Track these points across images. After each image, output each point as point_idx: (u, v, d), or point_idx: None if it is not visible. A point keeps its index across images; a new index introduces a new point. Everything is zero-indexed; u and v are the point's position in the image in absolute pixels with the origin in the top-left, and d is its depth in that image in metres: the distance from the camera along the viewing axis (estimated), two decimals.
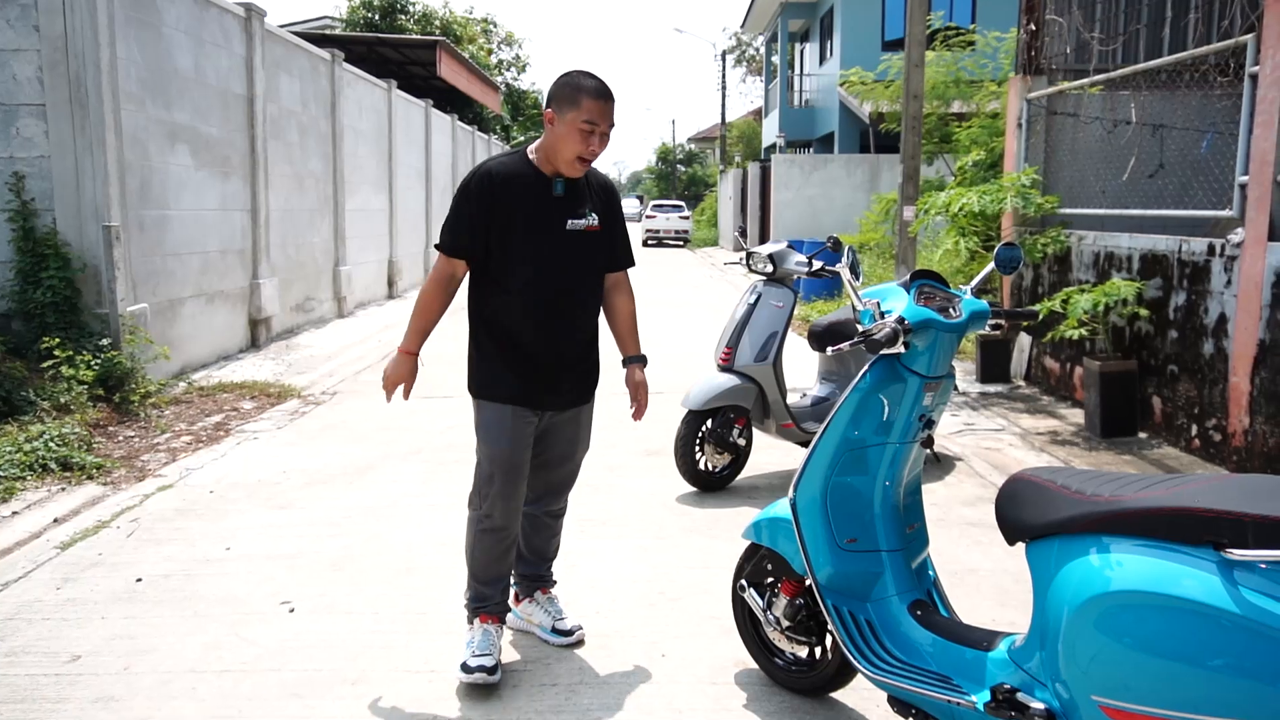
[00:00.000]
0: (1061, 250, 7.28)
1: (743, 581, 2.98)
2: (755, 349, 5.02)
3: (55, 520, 4.64)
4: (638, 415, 3.29)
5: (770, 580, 2.92)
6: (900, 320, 2.40)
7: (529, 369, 3.01)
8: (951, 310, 2.55)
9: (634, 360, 3.27)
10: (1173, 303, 5.93)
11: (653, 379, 4.35)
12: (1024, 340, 7.96)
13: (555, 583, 3.45)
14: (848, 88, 15.23)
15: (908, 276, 2.61)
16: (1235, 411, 5.29)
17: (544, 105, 2.97)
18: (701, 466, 5.00)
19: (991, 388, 7.84)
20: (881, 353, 2.43)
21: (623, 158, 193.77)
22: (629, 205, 71.38)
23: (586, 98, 2.84)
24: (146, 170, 7.61)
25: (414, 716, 2.85)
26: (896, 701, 2.50)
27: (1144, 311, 6.08)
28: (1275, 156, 4.97)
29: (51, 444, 5.52)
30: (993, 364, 8.00)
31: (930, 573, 2.77)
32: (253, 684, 3.05)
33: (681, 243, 33.92)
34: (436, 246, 3.01)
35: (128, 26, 7.29)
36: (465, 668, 2.95)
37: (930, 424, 2.59)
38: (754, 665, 3.07)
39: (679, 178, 59.88)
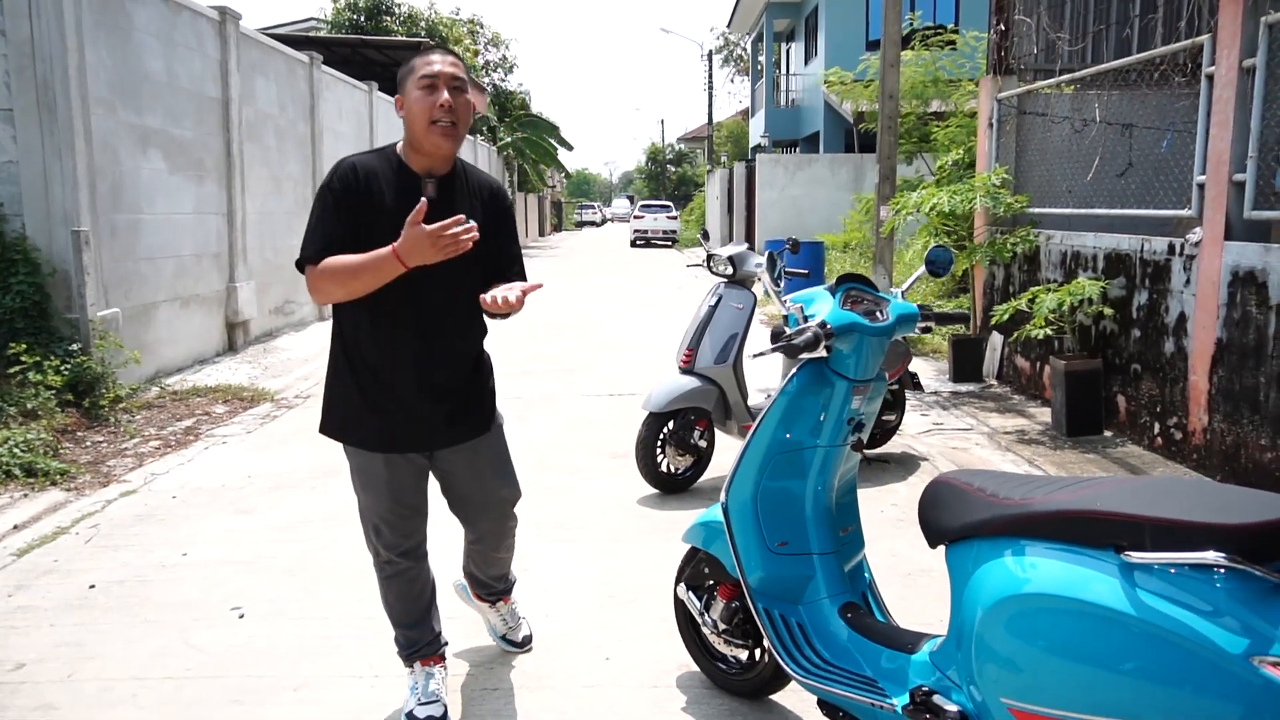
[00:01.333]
0: (1030, 250, 7.32)
1: (682, 584, 3.00)
2: (716, 351, 5.04)
3: (15, 527, 4.64)
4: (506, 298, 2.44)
5: (709, 583, 2.93)
6: (823, 325, 2.41)
7: (400, 406, 2.65)
8: (878, 314, 2.57)
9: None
10: (1136, 302, 5.96)
11: (625, 382, 4.32)
12: (996, 340, 7.99)
13: (514, 585, 3.30)
14: (828, 87, 15.25)
15: (834, 280, 2.63)
16: (1195, 410, 5.32)
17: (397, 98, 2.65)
18: (663, 469, 5.02)
19: (964, 387, 7.86)
20: (803, 356, 2.44)
21: (613, 158, 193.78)
22: (620, 205, 71.42)
23: (419, 58, 2.58)
24: (118, 174, 7.60)
25: (359, 715, 2.87)
26: (825, 705, 2.51)
27: (1109, 310, 6.11)
28: (1230, 156, 5.00)
29: (16, 450, 5.50)
30: (965, 363, 8.03)
31: (866, 575, 2.79)
32: (195, 690, 3.05)
33: (669, 243, 33.94)
34: (299, 265, 2.57)
35: (97, 30, 7.28)
36: (412, 718, 2.78)
37: (860, 427, 2.61)
38: (696, 668, 3.09)
39: (669, 178, 59.91)
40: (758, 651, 2.88)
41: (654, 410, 4.95)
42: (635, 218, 35.21)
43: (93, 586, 3.89)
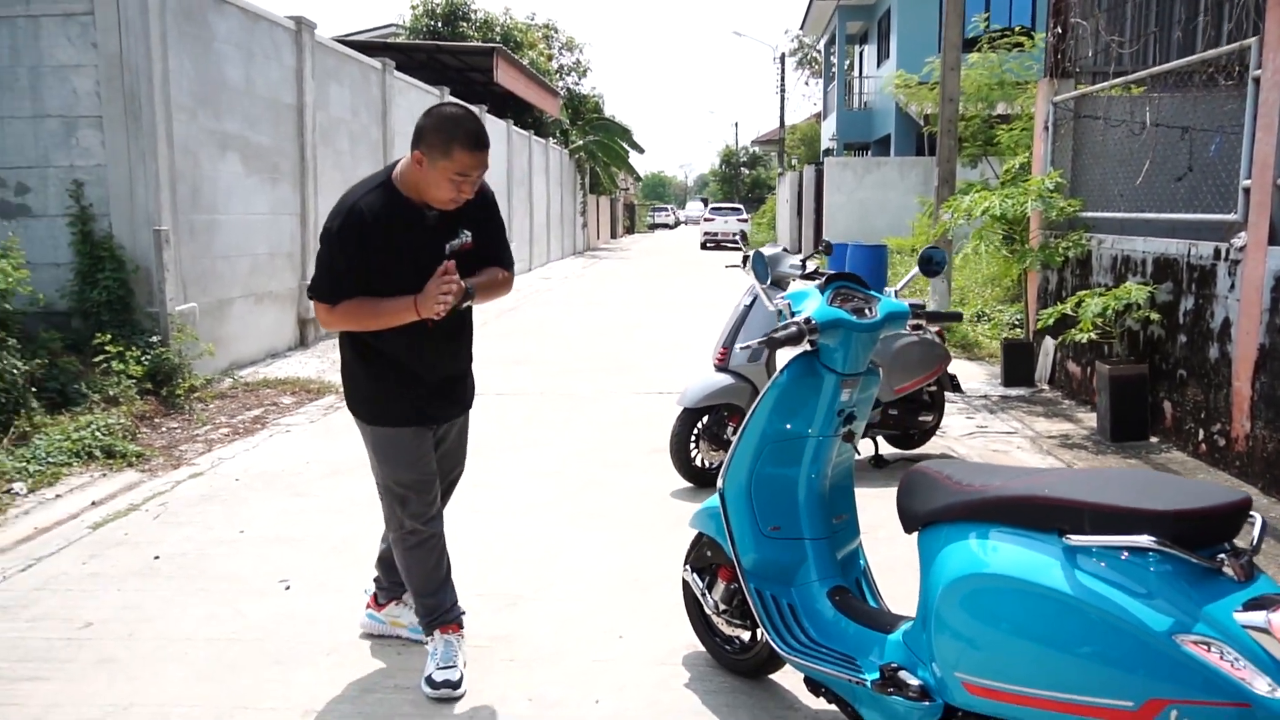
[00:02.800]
0: (1082, 254, 7.27)
1: (687, 566, 3.16)
2: (750, 350, 5.16)
3: (93, 503, 5.01)
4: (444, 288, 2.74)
5: (711, 566, 3.08)
6: (807, 320, 2.56)
7: (421, 388, 2.94)
8: (867, 310, 2.69)
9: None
10: (1183, 307, 5.91)
11: (675, 381, 4.50)
12: (1048, 344, 7.94)
13: None
14: (894, 90, 15.19)
15: (824, 279, 2.76)
16: (1238, 416, 5.27)
17: (413, 142, 2.73)
18: (696, 463, 5.17)
19: (1013, 391, 7.83)
20: (782, 348, 2.58)
21: (689, 160, 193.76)
22: (694, 208, 71.53)
23: (459, 149, 2.66)
24: (197, 177, 8.05)
25: (378, 683, 3.09)
26: (810, 681, 2.65)
27: (1155, 315, 6.07)
28: (1276, 160, 4.95)
29: (98, 433, 5.91)
30: (1016, 368, 8.00)
31: (860, 563, 2.91)
32: (240, 651, 3.32)
33: (739, 246, 33.97)
34: (311, 296, 2.85)
35: (180, 41, 7.73)
36: (430, 682, 2.97)
37: (851, 419, 2.74)
38: (703, 649, 3.24)
39: (742, 180, 59.84)
40: (758, 632, 3.02)
41: (688, 406, 5.11)
42: (705, 220, 35.33)
43: (157, 558, 4.21)
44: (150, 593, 3.84)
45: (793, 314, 2.66)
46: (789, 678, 3.05)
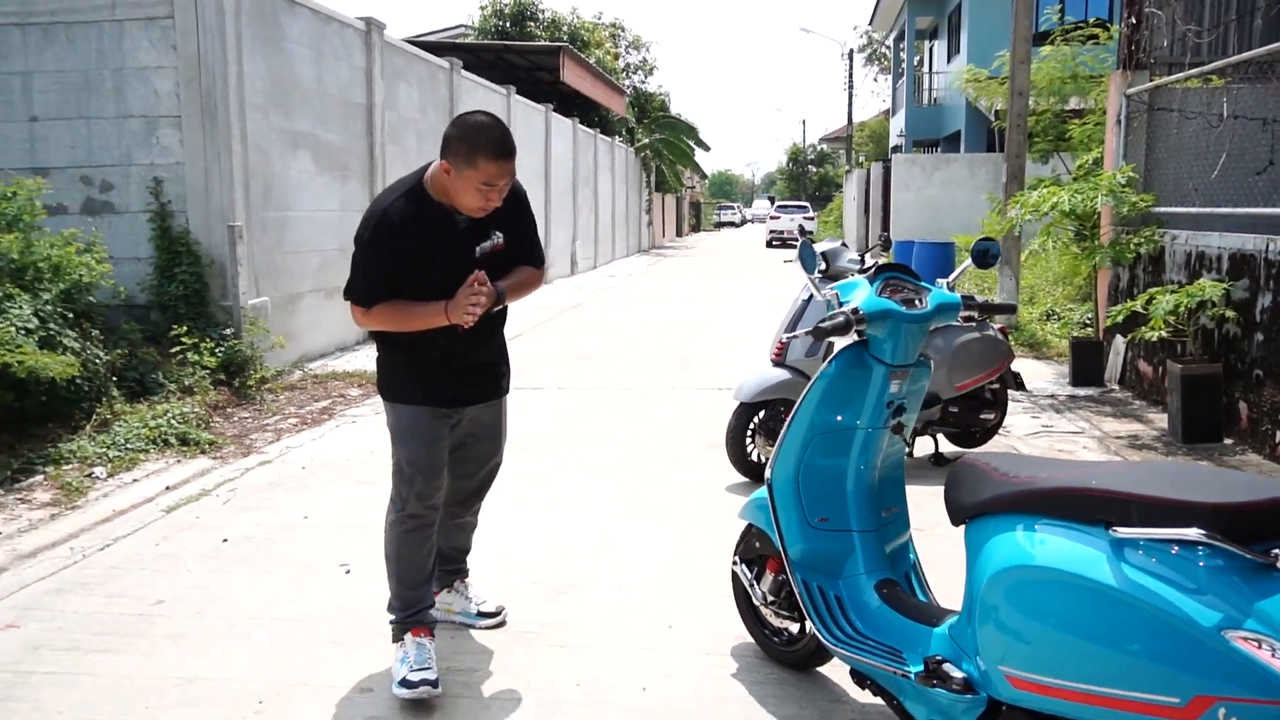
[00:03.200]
0: (1154, 250, 7.08)
1: (736, 558, 3.17)
2: (806, 344, 5.14)
3: (167, 488, 5.20)
4: (471, 296, 2.80)
5: (759, 557, 3.09)
6: (854, 310, 2.55)
7: (443, 370, 2.99)
8: (918, 301, 2.67)
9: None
10: (1260, 304, 5.72)
11: (736, 377, 4.56)
12: (1119, 343, 7.74)
13: (468, 568, 3.53)
14: (963, 85, 14.92)
15: (873, 269, 2.75)
16: None
17: (440, 151, 2.78)
18: (752, 457, 5.17)
19: (1082, 391, 7.65)
20: (835, 340, 2.57)
21: (756, 159, 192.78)
22: (760, 206, 71.23)
23: (484, 158, 2.69)
24: (269, 175, 8.28)
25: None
26: (855, 673, 2.65)
27: (1230, 313, 5.88)
28: None
29: (174, 421, 6.14)
30: (1085, 367, 7.81)
31: (910, 557, 2.89)
32: (301, 631, 3.43)
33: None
34: (347, 297, 2.94)
35: (254, 43, 7.96)
36: (406, 683, 2.87)
37: (901, 411, 2.72)
38: (752, 641, 3.25)
39: (809, 178, 59.33)
40: (806, 624, 3.02)
41: (744, 401, 5.11)
42: (771, 218, 35.13)
43: (226, 540, 4.36)
44: (218, 573, 3.98)
45: (840, 304, 2.66)
46: (837, 670, 3.04)
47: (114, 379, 6.45)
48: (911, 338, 2.65)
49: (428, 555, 3.10)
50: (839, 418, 2.69)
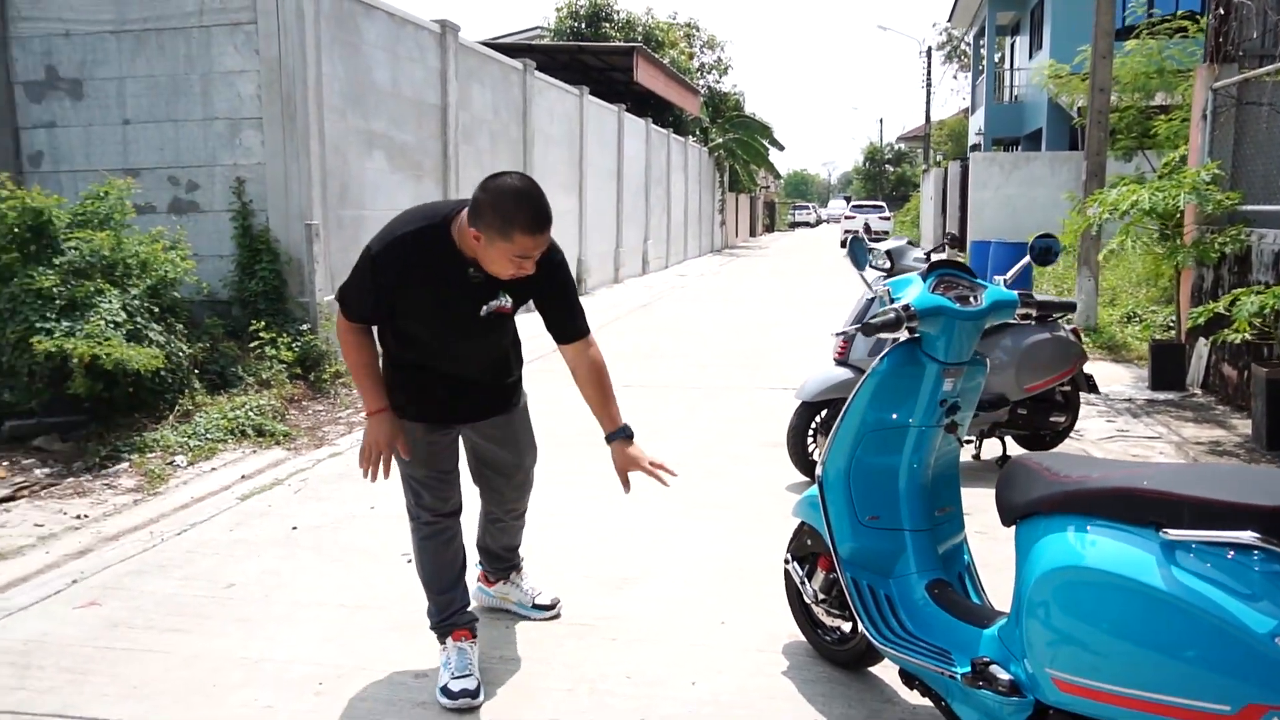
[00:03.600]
0: (1241, 250, 6.82)
1: (788, 555, 3.16)
2: (869, 343, 5.08)
3: (242, 476, 5.39)
4: (665, 477, 2.91)
5: (811, 554, 3.08)
6: (905, 307, 2.52)
7: (438, 390, 2.93)
8: (972, 299, 2.63)
9: (615, 438, 2.94)
10: None
11: (799, 377, 4.55)
12: (1202, 346, 7.47)
13: (523, 561, 3.54)
14: (1043, 81, 14.56)
15: (926, 266, 2.71)
16: None
17: (469, 216, 2.61)
18: (812, 456, 5.13)
19: (1161, 395, 7.41)
20: (883, 336, 2.55)
21: (832, 159, 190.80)
22: (836, 206, 70.50)
23: (520, 232, 2.53)
24: (346, 174, 8.50)
25: (485, 654, 3.21)
26: (904, 673, 2.62)
27: None
28: None
29: (251, 413, 6.35)
30: (1166, 370, 7.56)
31: (965, 558, 2.85)
32: (363, 617, 3.53)
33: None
34: (338, 298, 2.87)
35: (333, 46, 8.18)
36: (447, 692, 2.87)
37: (955, 409, 2.68)
38: (804, 639, 3.24)
39: (887, 178, 58.48)
40: (858, 623, 2.99)
41: (806, 400, 5.08)
42: (846, 218, 34.75)
43: (295, 528, 4.50)
44: (287, 560, 4.11)
45: (892, 300, 2.63)
46: (888, 671, 3.01)
47: (196, 372, 6.70)
48: (965, 335, 2.61)
49: (453, 559, 3.08)
50: (890, 415, 2.67)
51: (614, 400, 2.96)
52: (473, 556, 3.43)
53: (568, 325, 2.94)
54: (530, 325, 3.18)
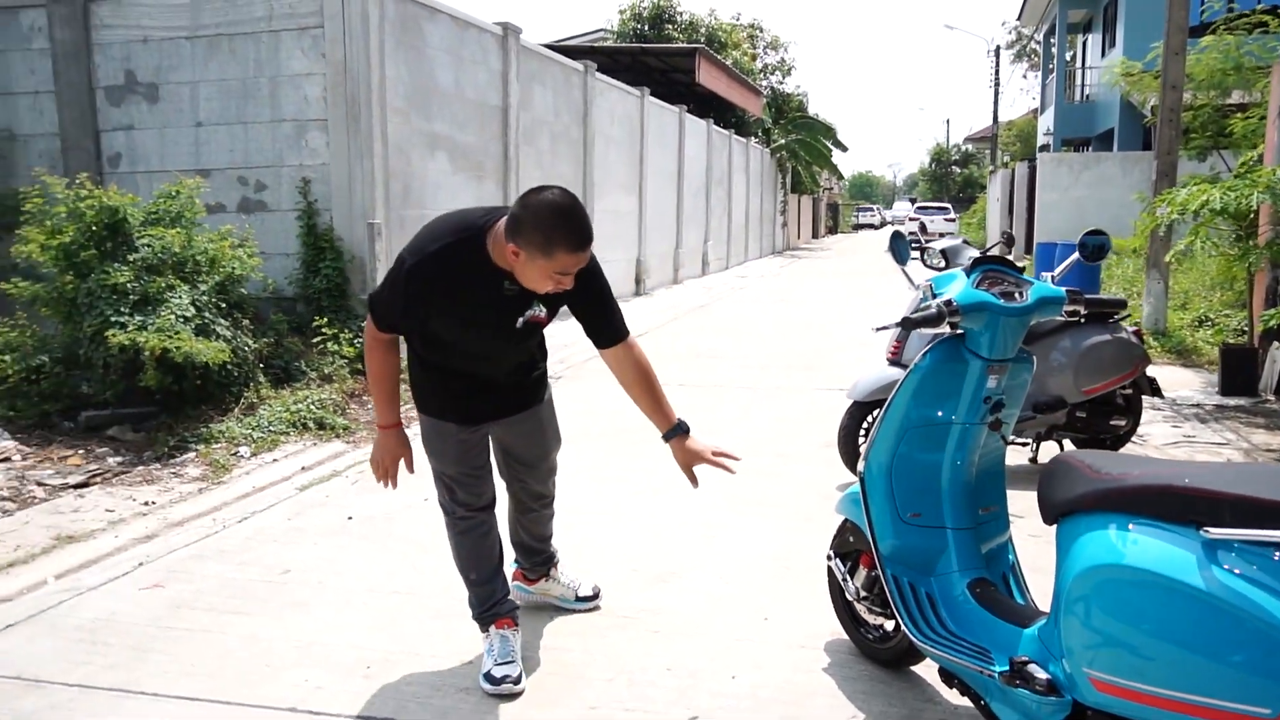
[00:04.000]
0: None
1: (830, 552, 3.16)
2: (923, 343, 5.02)
3: (302, 468, 5.53)
4: (730, 464, 2.89)
5: (853, 551, 3.07)
6: (947, 302, 2.50)
7: (459, 390, 2.95)
8: (1018, 295, 2.60)
9: (674, 434, 2.89)
10: None
11: (852, 379, 4.55)
12: (1276, 350, 7.23)
13: (558, 554, 3.55)
14: (1113, 80, 14.22)
15: (971, 261, 2.68)
16: None
17: (507, 232, 2.55)
18: None
19: (1231, 401, 7.20)
20: (925, 331, 2.53)
21: (897, 160, 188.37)
22: (901, 207, 69.62)
23: (562, 250, 2.49)
24: (408, 175, 8.66)
25: (528, 643, 3.27)
26: (944, 672, 2.60)
27: None
28: None
29: (313, 407, 6.51)
30: (1237, 375, 7.34)
31: (1009, 558, 2.81)
32: (411, 604, 3.61)
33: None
34: (370, 304, 2.85)
35: (397, 49, 8.35)
36: (490, 678, 2.93)
37: (1000, 407, 2.65)
38: (847, 637, 3.22)
39: (953, 179, 57.54)
40: (898, 620, 2.98)
41: (858, 399, 5.05)
42: (910, 220, 34.28)
43: (350, 518, 4.62)
44: (342, 547, 4.22)
45: (934, 295, 2.62)
46: (930, 670, 2.98)
47: (261, 366, 6.90)
48: (1010, 331, 2.58)
49: (490, 550, 3.11)
50: (933, 412, 2.65)
51: (664, 398, 2.93)
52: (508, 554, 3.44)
53: (605, 330, 2.91)
54: (570, 332, 3.20)
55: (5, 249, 6.80)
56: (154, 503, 4.89)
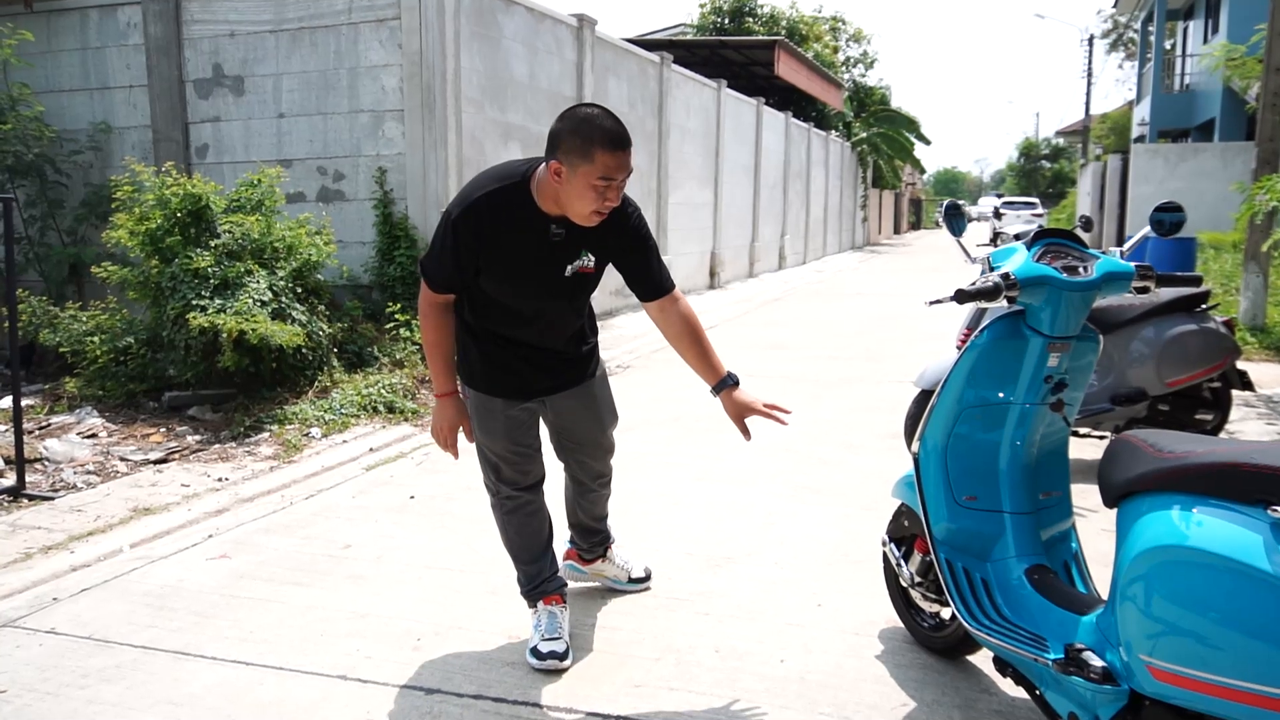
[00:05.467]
0: None
1: (884, 537, 3.07)
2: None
3: (370, 449, 5.63)
4: (781, 417, 2.86)
5: (908, 536, 2.98)
6: (1005, 275, 2.40)
7: (509, 363, 2.90)
8: (1082, 269, 2.48)
9: (722, 386, 2.86)
10: None
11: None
12: None
13: (614, 536, 3.49)
14: (1214, 64, 13.61)
15: (1031, 235, 2.57)
16: None
17: (546, 151, 2.57)
18: None
19: None
20: (981, 305, 2.44)
21: (985, 155, 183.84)
22: (987, 203, 67.88)
23: (600, 150, 2.47)
24: (482, 164, 8.74)
25: (577, 620, 3.26)
26: (998, 660, 2.50)
27: None
28: None
29: (383, 391, 6.62)
30: None
31: (1072, 546, 2.69)
32: (465, 580, 3.64)
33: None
34: (421, 268, 2.82)
35: (472, 40, 8.44)
36: (536, 653, 2.93)
37: (1062, 387, 2.54)
38: (902, 625, 3.14)
39: (1042, 174, 55.89)
40: (951, 606, 2.88)
41: (925, 387, 4.92)
42: (997, 214, 33.39)
43: (412, 497, 4.68)
44: (402, 525, 4.28)
45: (991, 269, 2.51)
46: (986, 660, 2.88)
47: (335, 350, 7.05)
48: (1073, 308, 2.46)
49: (539, 529, 3.08)
50: (990, 391, 2.55)
51: (713, 352, 2.89)
52: (563, 534, 3.42)
53: (650, 281, 2.88)
54: (641, 323, 3.17)
55: (102, 237, 7.08)
56: (227, 479, 5.03)
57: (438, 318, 2.84)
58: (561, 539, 3.38)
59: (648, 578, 3.53)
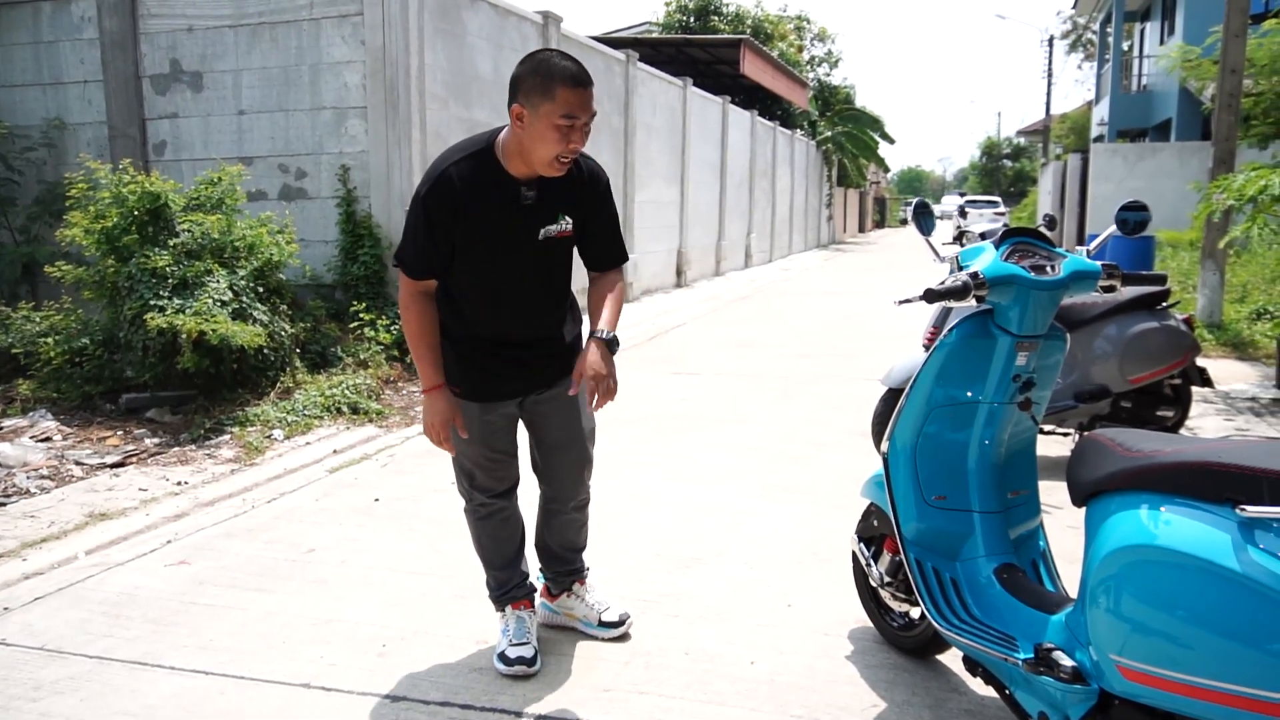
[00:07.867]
0: None
1: (855, 536, 3.06)
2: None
3: (334, 451, 5.55)
4: (597, 401, 2.67)
5: (877, 536, 2.98)
6: (974, 275, 2.39)
7: (491, 364, 2.81)
8: (1049, 269, 2.49)
9: (594, 336, 2.70)
10: None
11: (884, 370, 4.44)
12: None
13: (588, 570, 3.24)
14: (1171, 66, 13.82)
15: (999, 234, 2.57)
16: None
17: (509, 97, 2.51)
18: None
19: None
20: (949, 305, 2.43)
21: (947, 154, 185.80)
22: (950, 202, 68.48)
23: (562, 87, 2.43)
24: None
25: (544, 625, 3.22)
26: (968, 659, 2.50)
27: None
28: None
29: (348, 392, 6.54)
30: None
31: (1040, 544, 2.70)
32: (431, 584, 3.59)
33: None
34: (397, 261, 2.72)
35: (435, 37, 8.35)
36: (504, 658, 2.89)
37: (1030, 386, 2.54)
38: (871, 624, 3.13)
39: (1004, 173, 56.54)
40: (921, 605, 2.88)
41: (893, 386, 4.93)
42: (959, 213, 33.74)
43: (377, 500, 4.61)
44: (366, 528, 4.21)
45: (960, 268, 2.51)
46: (955, 660, 2.88)
47: (298, 351, 6.94)
48: (1041, 307, 2.46)
49: (511, 535, 3.02)
50: (958, 391, 2.55)
51: (618, 315, 2.79)
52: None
53: (606, 252, 2.85)
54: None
55: (56, 235, 6.92)
56: (186, 483, 4.93)
57: (420, 307, 2.72)
58: (537, 564, 3.24)
59: (622, 624, 3.14)
